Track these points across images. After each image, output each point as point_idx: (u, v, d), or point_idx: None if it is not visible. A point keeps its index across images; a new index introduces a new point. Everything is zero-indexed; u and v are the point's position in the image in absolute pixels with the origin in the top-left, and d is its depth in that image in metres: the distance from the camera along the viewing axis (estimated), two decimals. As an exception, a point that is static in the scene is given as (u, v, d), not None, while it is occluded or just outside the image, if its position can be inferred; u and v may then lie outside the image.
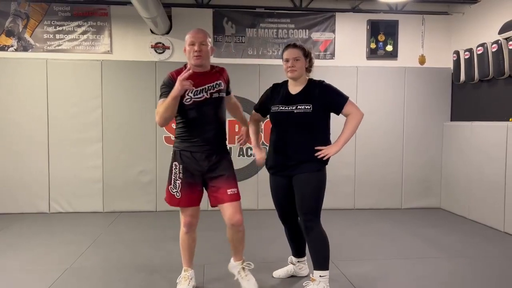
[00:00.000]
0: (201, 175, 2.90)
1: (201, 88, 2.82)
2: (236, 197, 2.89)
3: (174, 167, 2.91)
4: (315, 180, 2.87)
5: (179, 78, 2.64)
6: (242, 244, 3.04)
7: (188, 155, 2.87)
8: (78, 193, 5.61)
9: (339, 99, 2.92)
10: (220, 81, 2.91)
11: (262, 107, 3.14)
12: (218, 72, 2.96)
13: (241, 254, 3.07)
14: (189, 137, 2.87)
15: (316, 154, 2.84)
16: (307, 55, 2.99)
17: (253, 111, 3.23)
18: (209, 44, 2.87)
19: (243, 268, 3.04)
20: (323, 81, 2.98)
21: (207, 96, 2.84)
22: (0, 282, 3.27)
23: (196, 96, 2.81)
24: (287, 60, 2.94)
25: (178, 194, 2.88)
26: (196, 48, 2.78)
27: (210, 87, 2.85)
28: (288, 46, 3.01)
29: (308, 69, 3.03)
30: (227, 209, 2.87)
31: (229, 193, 2.87)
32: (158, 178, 5.67)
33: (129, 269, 3.54)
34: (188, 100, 2.79)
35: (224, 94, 2.95)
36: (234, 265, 3.10)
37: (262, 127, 3.21)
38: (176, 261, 3.78)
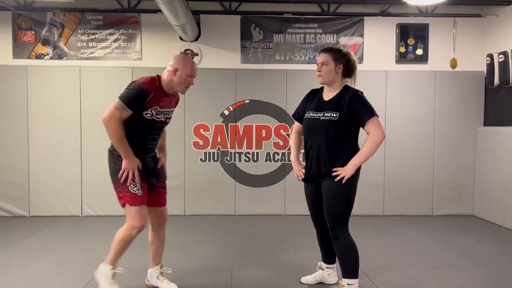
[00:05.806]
0: (148, 177, 2.99)
1: (164, 110, 2.91)
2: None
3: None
4: (343, 187, 2.81)
5: (133, 165, 2.79)
6: (164, 244, 3.23)
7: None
8: (109, 197, 5.67)
9: (364, 113, 2.81)
10: (173, 109, 3.05)
11: (300, 115, 3.11)
12: (175, 99, 3.04)
13: (161, 257, 3.21)
14: (134, 146, 2.86)
15: (333, 175, 2.81)
16: (339, 59, 2.90)
17: (295, 121, 3.22)
18: None
19: (161, 273, 3.19)
20: (357, 91, 2.90)
21: (163, 120, 2.94)
22: (35, 283, 3.38)
23: (157, 116, 2.87)
24: (317, 65, 2.95)
25: (140, 192, 2.85)
26: (191, 81, 2.89)
27: (169, 112, 2.99)
28: (321, 50, 3.00)
29: (348, 74, 2.95)
30: (164, 211, 3.20)
31: (166, 197, 3.21)
32: (186, 183, 5.74)
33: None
34: (149, 115, 2.83)
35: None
36: (152, 272, 3.20)
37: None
38: (204, 264, 3.81)
